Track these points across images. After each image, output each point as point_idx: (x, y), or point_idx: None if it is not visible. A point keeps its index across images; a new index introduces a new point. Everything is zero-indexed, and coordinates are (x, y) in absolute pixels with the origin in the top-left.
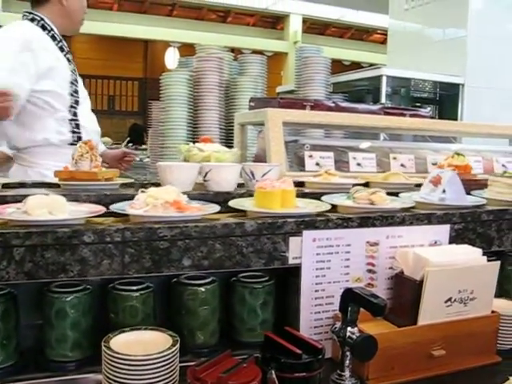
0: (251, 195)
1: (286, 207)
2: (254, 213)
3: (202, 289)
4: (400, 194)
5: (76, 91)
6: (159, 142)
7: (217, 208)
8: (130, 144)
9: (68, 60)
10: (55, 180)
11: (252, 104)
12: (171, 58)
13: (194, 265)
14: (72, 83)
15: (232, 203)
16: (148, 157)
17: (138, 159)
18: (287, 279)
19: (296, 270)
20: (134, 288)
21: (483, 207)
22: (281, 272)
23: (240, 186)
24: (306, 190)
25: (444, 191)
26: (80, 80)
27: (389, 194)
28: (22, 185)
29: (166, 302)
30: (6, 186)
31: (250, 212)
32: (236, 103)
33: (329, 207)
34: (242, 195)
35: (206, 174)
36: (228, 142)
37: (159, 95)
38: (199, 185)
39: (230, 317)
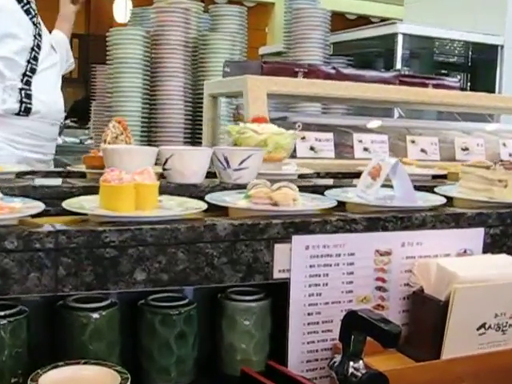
0: (225, 188)
1: (142, 209)
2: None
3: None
4: (326, 192)
5: (35, 58)
6: (105, 118)
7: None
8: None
9: (34, 24)
10: (80, 167)
11: (227, 70)
12: (122, 8)
13: (150, 279)
14: (33, 49)
15: (66, 203)
16: (91, 138)
17: (77, 141)
18: (272, 298)
19: (283, 287)
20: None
21: None
22: (267, 288)
23: (211, 175)
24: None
25: (391, 187)
26: (47, 47)
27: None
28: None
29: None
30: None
31: (94, 216)
32: (206, 68)
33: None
34: (213, 189)
35: (166, 160)
36: (195, 120)
37: (106, 57)
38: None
39: (216, 344)
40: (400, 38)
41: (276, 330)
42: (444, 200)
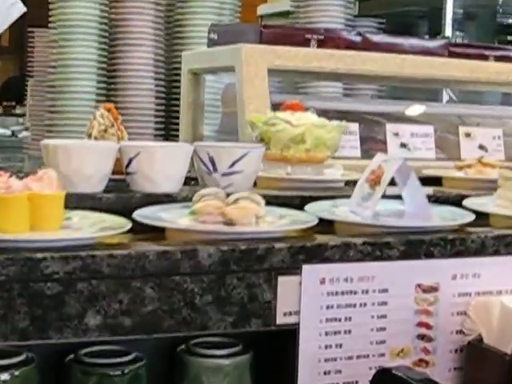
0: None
1: (39, 228)
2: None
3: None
4: (307, 206)
5: None
6: (48, 101)
7: None
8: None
9: None
10: None
11: (213, 36)
12: None
13: (107, 325)
14: None
15: None
16: (26, 128)
17: (8, 133)
18: (274, 351)
19: (290, 336)
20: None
21: None
22: (263, 338)
23: (190, 181)
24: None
25: (401, 199)
26: None
27: None
28: None
29: None
30: None
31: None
32: (185, 35)
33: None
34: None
35: (130, 161)
36: (170, 106)
37: (48, 20)
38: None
39: None
40: None
41: None
42: (472, 216)
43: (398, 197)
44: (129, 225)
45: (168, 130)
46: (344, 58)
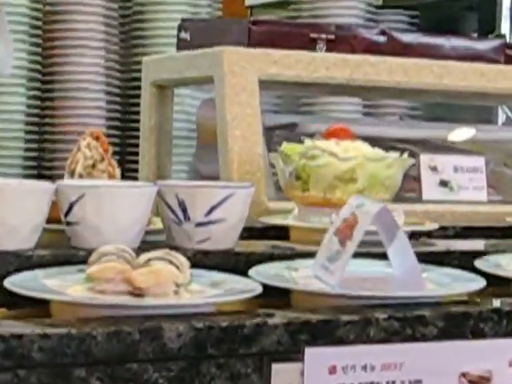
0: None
1: None
2: None
3: None
4: (252, 270)
5: None
6: None
7: None
8: None
9: None
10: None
11: (185, 36)
12: None
13: None
14: None
15: None
16: None
17: None
18: None
19: None
20: None
21: None
22: None
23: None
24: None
25: (386, 258)
26: None
27: None
28: None
29: None
30: None
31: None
32: (147, 34)
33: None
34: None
35: (71, 207)
36: (126, 129)
37: None
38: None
39: None
40: None
41: None
42: (482, 283)
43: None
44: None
45: (123, 165)
46: (363, 66)
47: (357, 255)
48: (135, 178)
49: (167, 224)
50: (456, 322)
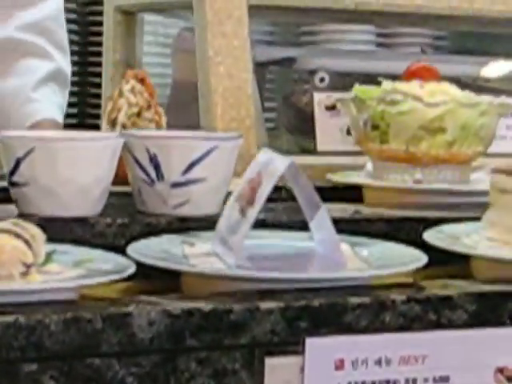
0: (152, 232)
1: None
2: None
3: None
4: (130, 246)
5: None
6: None
7: None
8: None
9: None
10: None
11: None
12: None
13: None
14: None
15: None
16: None
17: None
18: None
19: None
20: None
21: None
22: None
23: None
24: None
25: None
26: None
27: None
28: None
29: None
30: None
31: None
32: None
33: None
34: (124, 230)
35: (18, 163)
36: (86, 65)
37: None
38: None
39: None
40: None
41: None
42: (422, 261)
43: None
44: None
45: (83, 109)
46: None
47: (276, 225)
48: (97, 127)
49: (137, 185)
50: (491, 305)
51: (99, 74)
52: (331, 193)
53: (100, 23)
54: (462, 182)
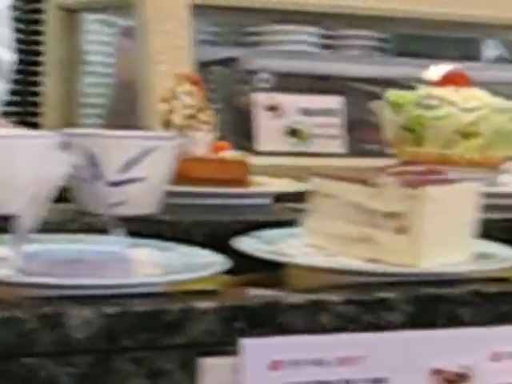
0: (89, 229)
1: None
2: None
3: None
4: None
5: None
6: None
7: None
8: None
9: None
10: None
11: None
12: None
13: None
14: None
15: None
16: None
17: None
18: None
19: None
20: None
21: None
22: None
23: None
24: None
25: None
26: None
27: None
28: None
29: None
30: None
31: None
32: None
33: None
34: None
35: None
36: (27, 64)
37: None
38: None
39: None
40: None
41: None
42: (222, 266)
43: None
44: None
45: (23, 107)
46: None
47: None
48: (36, 126)
49: (74, 184)
50: (428, 307)
51: (40, 73)
52: None
53: (42, 21)
54: (492, 184)
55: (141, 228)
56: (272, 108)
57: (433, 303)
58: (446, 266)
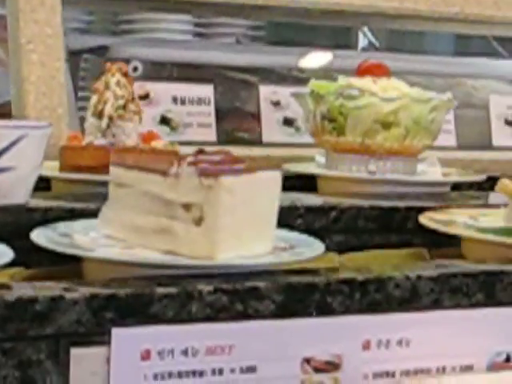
0: None
1: None
2: None
3: None
4: None
5: None
6: None
7: None
8: None
9: None
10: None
11: None
12: None
13: None
14: None
15: None
16: None
17: None
18: None
19: None
20: None
21: None
22: None
23: None
24: None
25: None
26: None
27: None
28: None
29: None
30: None
31: None
32: None
33: None
34: None
35: None
36: None
37: None
38: None
39: None
40: None
41: None
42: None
43: None
44: None
45: None
46: None
47: None
48: None
49: None
50: (298, 296)
51: None
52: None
53: None
54: (411, 173)
55: (11, 218)
56: (144, 97)
57: (303, 292)
58: (245, 258)
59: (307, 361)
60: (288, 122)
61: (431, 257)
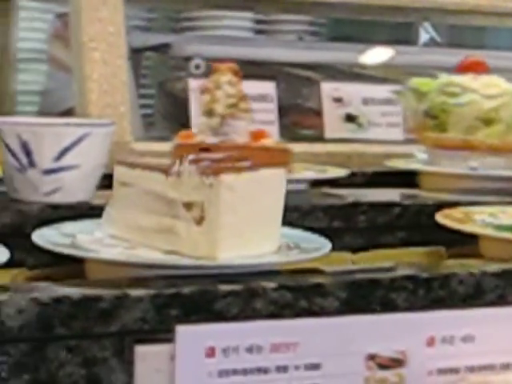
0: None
1: None
2: None
3: None
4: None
5: None
6: None
7: None
8: None
9: None
10: None
11: None
12: None
13: None
14: None
15: None
16: None
17: None
18: None
19: None
20: None
21: None
22: None
23: None
24: None
25: None
26: None
27: None
28: None
29: None
30: None
31: None
32: None
33: None
34: None
35: None
36: None
37: None
38: None
39: None
40: None
41: None
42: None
43: None
44: None
45: None
46: None
47: None
48: None
49: (8, 172)
50: (362, 292)
51: None
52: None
53: None
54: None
55: (75, 216)
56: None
57: (367, 289)
58: (248, 257)
59: (371, 357)
60: (350, 118)
61: (448, 255)
